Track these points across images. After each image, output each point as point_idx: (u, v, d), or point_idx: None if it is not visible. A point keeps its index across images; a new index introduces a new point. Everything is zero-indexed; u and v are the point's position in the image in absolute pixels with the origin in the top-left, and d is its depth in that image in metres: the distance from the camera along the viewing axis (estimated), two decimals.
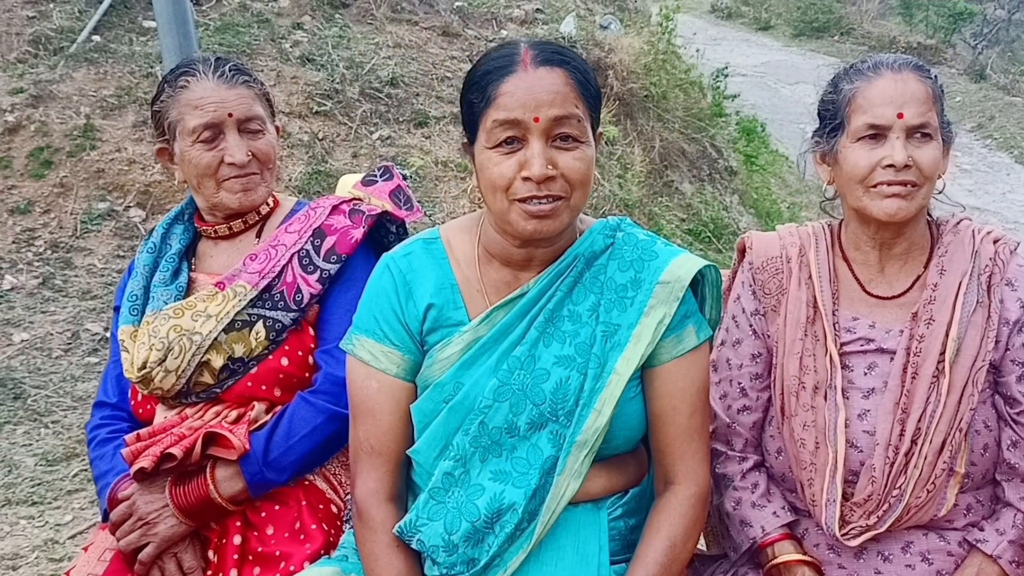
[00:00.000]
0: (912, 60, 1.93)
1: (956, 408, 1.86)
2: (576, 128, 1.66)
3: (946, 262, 1.93)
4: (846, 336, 1.96)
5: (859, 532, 1.89)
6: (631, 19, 10.16)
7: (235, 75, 2.09)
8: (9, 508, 3.81)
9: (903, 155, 1.83)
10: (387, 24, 7.92)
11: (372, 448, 1.80)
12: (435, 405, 1.75)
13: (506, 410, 1.72)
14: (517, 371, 1.72)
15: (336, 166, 6.41)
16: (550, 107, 1.63)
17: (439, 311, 1.79)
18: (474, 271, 1.81)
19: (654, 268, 1.77)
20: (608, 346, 1.73)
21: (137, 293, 2.13)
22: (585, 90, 1.69)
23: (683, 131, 8.59)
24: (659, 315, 1.74)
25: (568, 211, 1.70)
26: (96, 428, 2.21)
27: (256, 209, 2.17)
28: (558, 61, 1.67)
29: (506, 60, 1.67)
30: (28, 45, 6.69)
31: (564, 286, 1.76)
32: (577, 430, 1.71)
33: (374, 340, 1.80)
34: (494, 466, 1.72)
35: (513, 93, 1.63)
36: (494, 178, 1.66)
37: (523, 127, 1.63)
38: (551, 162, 1.64)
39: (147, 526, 1.97)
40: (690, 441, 1.79)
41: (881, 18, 20.19)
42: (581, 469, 1.72)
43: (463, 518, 1.71)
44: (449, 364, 1.76)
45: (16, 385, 4.66)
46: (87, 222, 5.81)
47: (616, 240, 1.80)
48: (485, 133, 1.67)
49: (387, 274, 1.82)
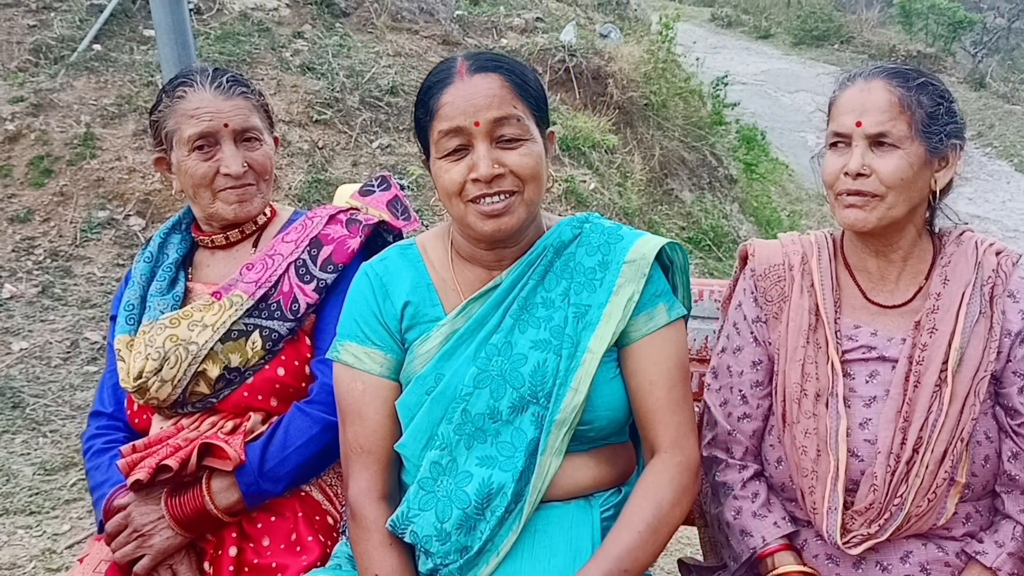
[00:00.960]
0: (890, 68, 1.91)
1: (958, 418, 1.85)
2: (517, 127, 1.74)
3: (949, 272, 1.93)
4: (848, 344, 1.95)
5: (860, 540, 1.89)
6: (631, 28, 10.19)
7: (232, 86, 2.09)
8: (7, 517, 3.79)
9: (857, 163, 1.85)
10: (387, 33, 7.94)
11: (362, 448, 1.84)
12: (418, 398, 1.80)
13: (487, 396, 1.77)
14: (495, 358, 1.78)
15: (336, 175, 6.41)
16: (487, 110, 1.71)
17: (416, 308, 1.85)
18: (448, 272, 1.88)
19: (620, 249, 1.84)
20: (580, 326, 1.79)
21: (134, 303, 2.13)
22: (523, 91, 1.77)
23: (683, 139, 8.60)
24: (628, 293, 1.80)
25: (523, 205, 1.77)
26: (92, 438, 2.20)
27: (253, 219, 2.16)
28: (492, 67, 1.76)
29: (444, 74, 1.77)
30: (29, 54, 6.70)
31: (536, 274, 1.83)
32: (556, 409, 1.76)
33: (357, 343, 1.86)
34: (480, 452, 1.77)
35: (452, 103, 1.72)
36: (447, 185, 1.75)
37: (466, 133, 1.72)
38: (497, 161, 1.72)
39: (143, 538, 1.96)
40: (672, 413, 1.82)
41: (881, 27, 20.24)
42: (561, 447, 1.77)
43: (454, 505, 1.74)
44: (429, 357, 1.81)
45: (15, 394, 4.65)
46: (87, 231, 5.82)
47: (583, 230, 1.88)
48: (434, 145, 1.76)
49: (364, 279, 1.90)
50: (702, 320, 2.36)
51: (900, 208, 1.88)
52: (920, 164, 1.87)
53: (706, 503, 2.12)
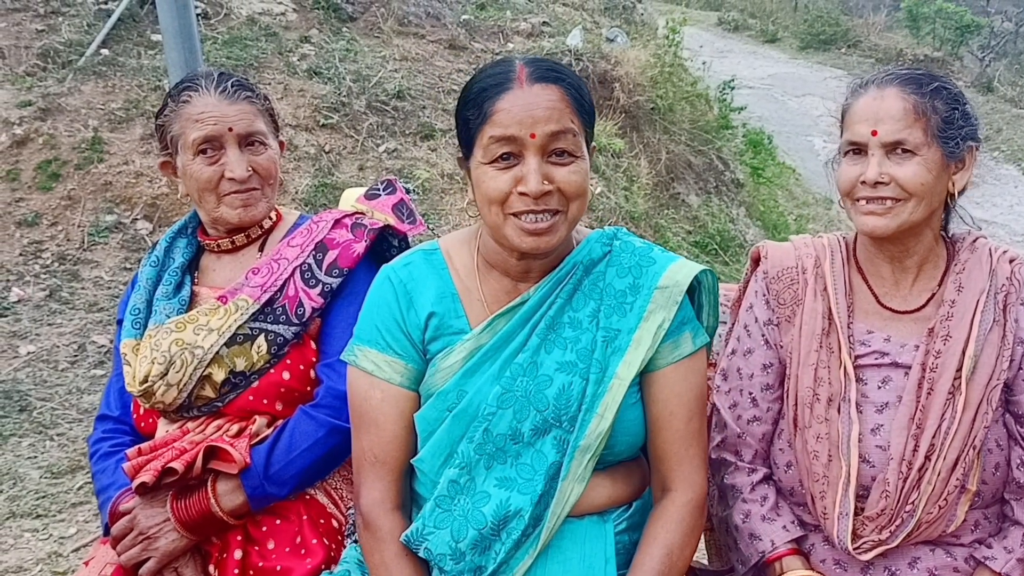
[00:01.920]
0: (904, 74, 1.90)
1: (971, 425, 1.84)
2: (571, 143, 1.68)
3: (963, 279, 1.92)
4: (861, 349, 1.94)
5: (871, 547, 1.88)
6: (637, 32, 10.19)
7: (237, 90, 2.09)
8: (13, 521, 3.80)
9: (875, 172, 1.84)
10: (394, 37, 7.95)
11: (376, 458, 1.80)
12: (439, 413, 1.76)
13: (510, 417, 1.72)
14: (520, 377, 1.73)
15: (342, 178, 6.42)
16: (546, 123, 1.65)
17: (440, 319, 1.80)
18: (474, 281, 1.82)
19: (652, 273, 1.79)
20: (609, 351, 1.74)
21: (140, 307, 2.13)
22: (580, 106, 1.70)
23: (689, 143, 8.59)
24: (658, 319, 1.75)
25: (565, 225, 1.71)
26: (98, 442, 2.21)
27: (258, 223, 2.16)
28: (553, 78, 1.69)
29: (502, 77, 1.68)
30: (37, 58, 6.72)
31: (564, 293, 1.78)
32: (580, 435, 1.71)
33: (377, 350, 1.80)
34: (499, 473, 1.73)
35: (509, 110, 1.65)
36: (490, 192, 1.67)
37: (519, 143, 1.65)
38: (547, 177, 1.66)
39: (148, 540, 1.96)
40: (687, 447, 1.79)
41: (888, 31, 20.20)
42: (584, 474, 1.72)
43: (470, 525, 1.71)
44: (452, 372, 1.76)
45: (22, 397, 4.66)
46: (94, 234, 5.83)
47: (613, 248, 1.82)
48: (481, 149, 1.68)
49: (387, 284, 1.83)
50: None
51: (920, 213, 1.87)
52: (938, 169, 1.86)
53: (713, 505, 2.11)
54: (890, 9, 20.80)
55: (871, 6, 20.78)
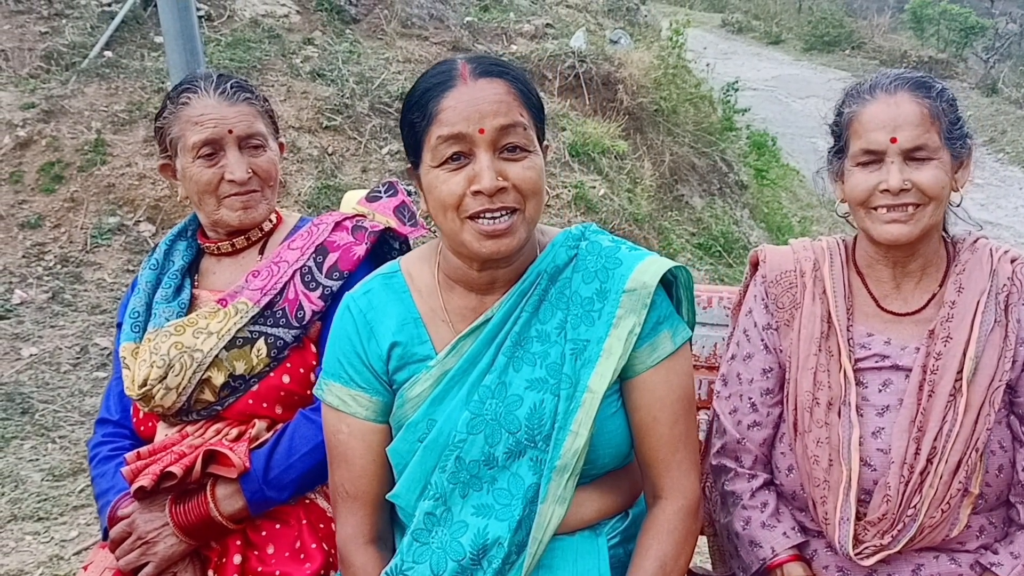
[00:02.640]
0: (911, 78, 1.88)
1: (973, 428, 1.82)
2: (523, 137, 1.62)
3: (964, 280, 1.90)
4: (861, 352, 1.93)
5: (873, 552, 1.86)
6: (641, 34, 10.18)
7: (236, 92, 2.08)
8: (15, 523, 3.79)
9: (898, 180, 1.81)
10: (397, 39, 7.95)
11: (347, 493, 1.77)
12: (410, 445, 1.70)
13: (481, 442, 1.65)
14: (488, 400, 1.66)
15: (345, 180, 6.41)
16: (494, 117, 1.59)
17: (404, 348, 1.74)
18: (437, 300, 1.75)
19: (619, 276, 1.69)
20: (579, 364, 1.66)
21: (139, 310, 2.12)
22: (527, 99, 1.65)
23: (693, 145, 8.58)
24: (628, 325, 1.67)
25: (524, 225, 1.64)
26: (98, 445, 2.20)
27: (258, 226, 2.15)
28: (497, 72, 1.64)
29: (445, 76, 1.63)
30: (40, 60, 6.73)
31: (530, 306, 1.70)
32: (556, 454, 1.64)
33: (340, 384, 1.76)
34: (476, 500, 1.67)
35: (455, 107, 1.59)
36: (443, 196, 1.61)
37: (468, 140, 1.59)
38: (501, 173, 1.59)
39: (147, 545, 1.95)
40: (674, 452, 1.72)
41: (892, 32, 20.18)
42: (565, 495, 1.65)
43: (448, 558, 1.65)
44: (420, 402, 1.70)
45: (24, 400, 4.66)
46: (97, 237, 5.83)
47: (580, 250, 1.74)
48: (430, 152, 1.62)
49: (347, 315, 1.78)
50: (711, 327, 2.34)
51: (937, 216, 1.86)
52: (951, 171, 1.86)
53: (715, 512, 2.10)
54: (894, 11, 20.78)
55: (875, 8, 20.76)
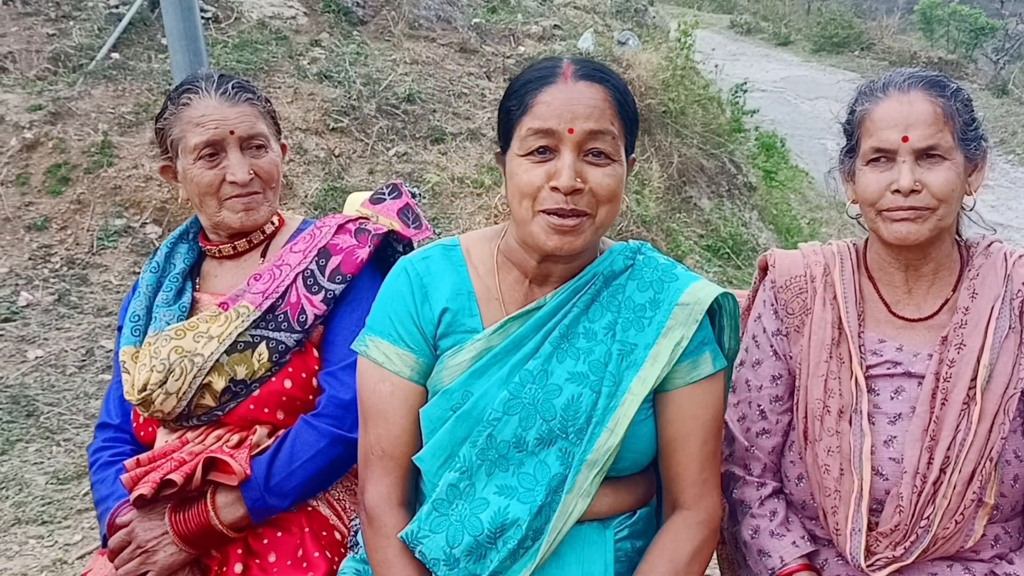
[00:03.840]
0: (925, 77, 1.85)
1: (987, 436, 1.79)
2: (610, 145, 1.65)
3: (978, 285, 1.87)
4: (872, 359, 1.89)
5: (885, 563, 1.83)
6: (649, 35, 10.15)
7: (238, 92, 2.05)
8: (19, 527, 3.78)
9: (909, 180, 1.78)
10: (404, 41, 7.93)
11: (383, 452, 1.77)
12: (443, 412, 1.73)
13: (515, 424, 1.69)
14: (529, 384, 1.70)
15: (352, 182, 6.39)
16: (586, 120, 1.63)
17: (454, 316, 1.77)
18: (492, 279, 1.79)
19: (674, 289, 1.75)
20: (624, 365, 1.70)
21: (139, 313, 2.09)
22: (623, 110, 1.68)
23: (702, 147, 8.54)
24: (677, 336, 1.71)
25: (592, 229, 1.68)
26: (98, 451, 2.18)
27: (260, 228, 2.13)
28: (599, 78, 1.67)
29: (547, 71, 1.68)
30: (47, 62, 6.73)
31: (581, 303, 1.75)
32: (588, 448, 1.68)
33: (388, 342, 1.78)
34: (500, 480, 1.69)
35: (550, 103, 1.63)
36: (522, 185, 1.65)
37: (556, 137, 1.63)
38: (580, 175, 1.63)
39: (146, 554, 1.92)
40: (701, 470, 1.76)
41: (902, 33, 20.10)
42: (590, 489, 1.68)
43: (466, 531, 1.68)
44: (459, 371, 1.73)
45: (29, 402, 4.65)
46: (103, 239, 5.82)
47: (636, 262, 1.79)
48: (519, 140, 1.66)
49: (404, 276, 1.80)
50: None
51: (948, 218, 1.83)
52: (964, 173, 1.82)
53: (724, 520, 2.06)
54: (903, 11, 20.69)
55: (884, 9, 20.67)
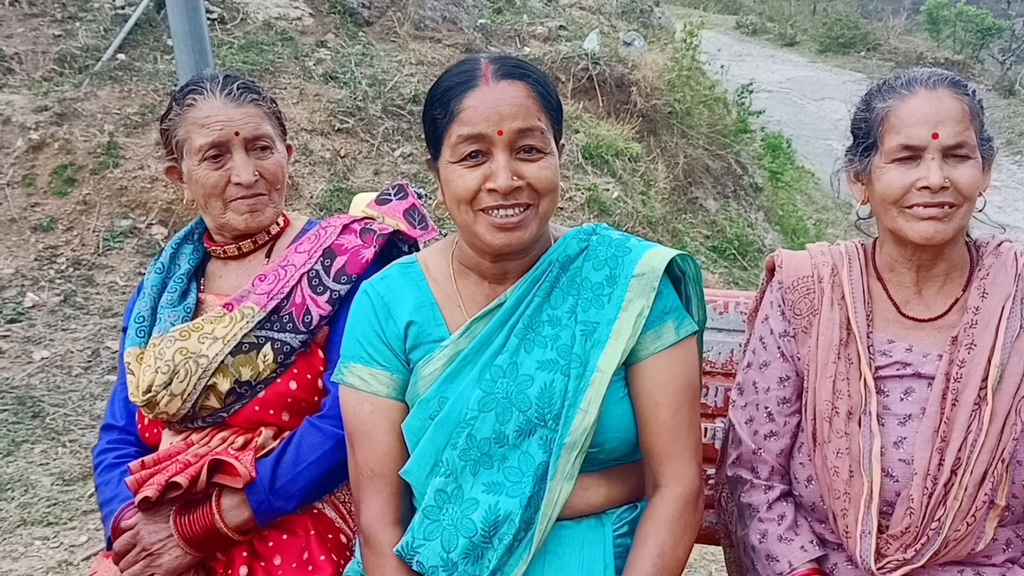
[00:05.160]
0: (948, 75, 1.84)
1: (998, 438, 1.77)
2: (539, 140, 1.68)
3: (988, 285, 1.85)
4: (881, 360, 1.87)
5: (895, 567, 1.81)
6: (655, 36, 10.14)
7: (243, 93, 2.04)
8: (24, 528, 3.78)
9: (939, 177, 1.76)
10: (410, 42, 7.93)
11: (372, 471, 1.79)
12: (422, 422, 1.75)
13: (492, 420, 1.70)
14: (500, 379, 1.72)
15: (358, 183, 6.39)
16: (513, 120, 1.65)
17: (420, 327, 1.80)
18: (451, 287, 1.82)
19: (628, 262, 1.76)
20: (588, 344, 1.72)
21: (144, 314, 2.08)
22: (547, 102, 1.71)
23: (707, 147, 8.53)
24: (637, 308, 1.73)
25: (537, 220, 1.71)
26: (103, 452, 2.17)
27: (265, 229, 2.12)
28: (519, 75, 1.69)
29: (467, 75, 1.68)
30: (53, 63, 6.74)
31: (541, 291, 1.76)
32: (565, 432, 1.69)
33: (361, 364, 1.81)
34: (486, 478, 1.71)
35: (476, 107, 1.65)
36: (459, 191, 1.67)
37: (487, 140, 1.65)
38: (516, 173, 1.66)
39: (151, 557, 1.92)
40: (675, 440, 1.75)
41: (908, 34, 20.06)
42: (572, 471, 1.70)
43: (460, 534, 1.69)
44: (432, 380, 1.76)
45: (35, 403, 4.65)
46: (109, 240, 5.82)
47: (590, 243, 1.80)
48: (449, 148, 1.68)
49: (365, 298, 1.84)
50: (727, 333, 2.29)
51: (968, 217, 1.82)
52: (980, 172, 1.81)
53: (732, 524, 2.05)
54: (910, 12, 20.64)
55: (890, 9, 20.61)
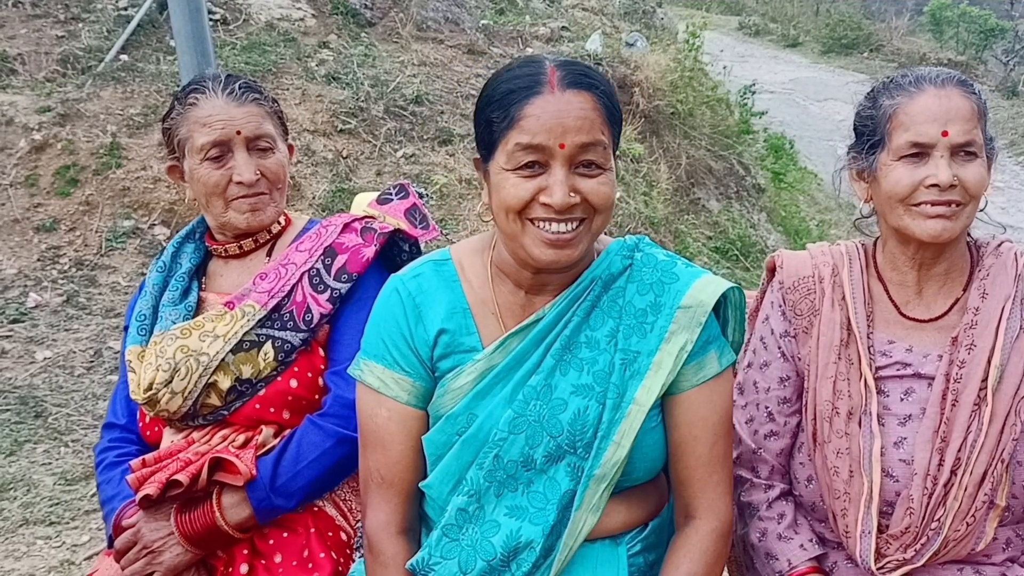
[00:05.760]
0: (955, 74, 1.84)
1: (998, 438, 1.77)
2: (601, 155, 1.59)
3: (988, 285, 1.85)
4: (882, 360, 1.88)
5: (895, 566, 1.81)
6: (657, 36, 10.13)
7: (245, 92, 2.05)
8: (27, 528, 3.78)
9: (948, 175, 1.75)
10: (412, 42, 7.94)
11: (383, 479, 1.73)
12: (448, 437, 1.68)
13: (522, 443, 1.64)
14: (533, 401, 1.64)
15: (360, 184, 6.39)
16: (577, 133, 1.55)
17: (451, 336, 1.71)
18: (488, 291, 1.73)
19: (675, 291, 1.68)
20: (627, 375, 1.65)
21: (146, 313, 2.09)
22: (611, 115, 1.61)
23: (710, 148, 8.53)
24: (680, 341, 1.65)
25: (588, 236, 1.62)
26: (104, 451, 2.17)
27: (266, 228, 2.12)
28: (586, 84, 1.59)
29: (531, 80, 1.58)
30: (56, 64, 6.75)
31: (581, 311, 1.68)
32: (596, 463, 1.62)
33: (383, 366, 1.73)
34: (510, 501, 1.65)
35: (539, 116, 1.55)
36: (509, 200, 1.58)
37: (547, 153, 1.56)
38: (573, 188, 1.57)
39: (152, 555, 1.92)
40: (711, 473, 1.70)
41: (911, 35, 20.05)
42: (599, 503, 1.64)
43: (478, 556, 1.64)
44: (462, 394, 1.68)
45: (38, 403, 4.66)
46: (112, 240, 5.83)
47: (635, 261, 1.72)
48: (505, 154, 1.58)
49: (395, 296, 1.74)
50: None
51: (973, 216, 1.82)
52: (986, 171, 1.81)
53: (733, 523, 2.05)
54: (913, 13, 20.63)
55: (893, 10, 20.60)
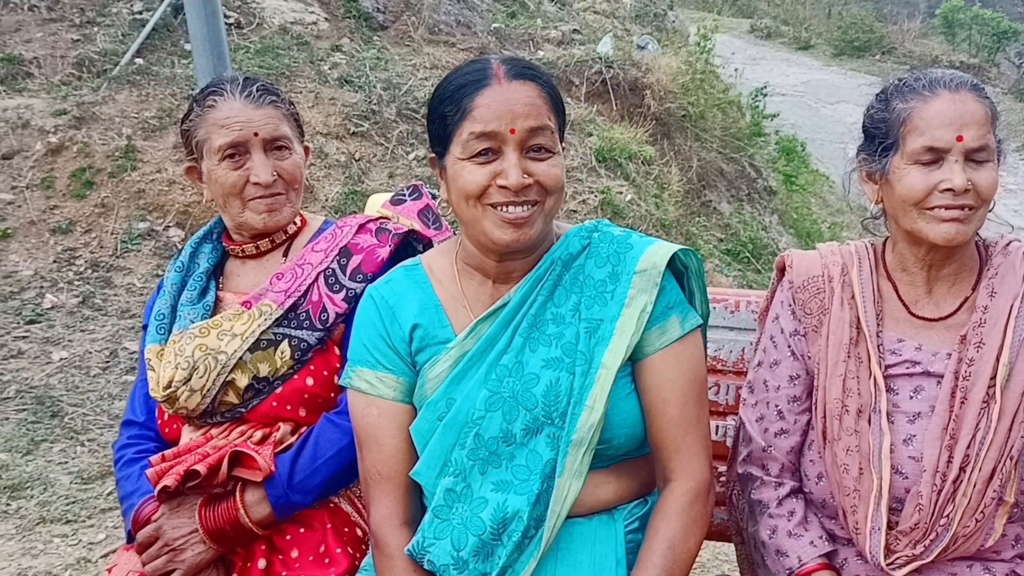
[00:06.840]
0: (968, 78, 1.85)
1: (1007, 435, 1.78)
2: (549, 139, 1.72)
3: (996, 284, 1.86)
4: (891, 358, 1.89)
5: (905, 562, 1.82)
6: (669, 39, 10.15)
7: (262, 95, 2.08)
8: (43, 526, 3.83)
9: (962, 179, 1.77)
10: (424, 46, 7.98)
11: (380, 474, 1.81)
12: (430, 424, 1.77)
13: (499, 419, 1.72)
14: (506, 379, 1.74)
15: (372, 186, 6.43)
16: (526, 119, 1.68)
17: (425, 330, 1.82)
18: (456, 287, 1.84)
19: (630, 259, 1.78)
20: (593, 341, 1.74)
21: (164, 312, 2.12)
22: (554, 103, 1.75)
23: (721, 150, 8.53)
24: (640, 304, 1.75)
25: (543, 217, 1.74)
26: (123, 448, 2.20)
27: (283, 228, 2.15)
28: (530, 76, 1.73)
29: (480, 74, 1.72)
30: (72, 68, 6.82)
31: (544, 290, 1.78)
32: (572, 429, 1.70)
33: (368, 368, 1.84)
34: (495, 477, 1.73)
35: (489, 106, 1.68)
36: (467, 187, 1.70)
37: (499, 138, 1.68)
38: (526, 171, 1.69)
39: (174, 552, 1.95)
40: (684, 434, 1.76)
41: (923, 37, 20.00)
42: (581, 468, 1.71)
43: (469, 533, 1.71)
44: (439, 381, 1.78)
45: (54, 403, 4.71)
46: (127, 242, 5.89)
47: (592, 240, 1.82)
48: (460, 145, 1.71)
49: (370, 303, 1.87)
50: (739, 331, 2.31)
51: (984, 219, 1.84)
52: (997, 175, 1.83)
53: (743, 521, 2.07)
54: (925, 15, 20.58)
55: (906, 13, 20.55)
